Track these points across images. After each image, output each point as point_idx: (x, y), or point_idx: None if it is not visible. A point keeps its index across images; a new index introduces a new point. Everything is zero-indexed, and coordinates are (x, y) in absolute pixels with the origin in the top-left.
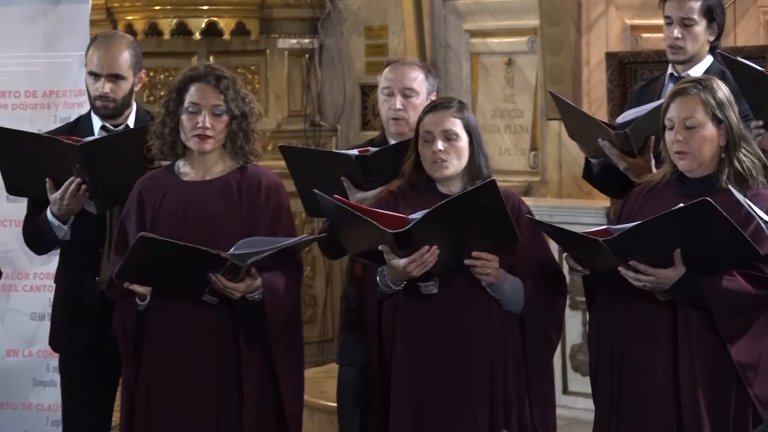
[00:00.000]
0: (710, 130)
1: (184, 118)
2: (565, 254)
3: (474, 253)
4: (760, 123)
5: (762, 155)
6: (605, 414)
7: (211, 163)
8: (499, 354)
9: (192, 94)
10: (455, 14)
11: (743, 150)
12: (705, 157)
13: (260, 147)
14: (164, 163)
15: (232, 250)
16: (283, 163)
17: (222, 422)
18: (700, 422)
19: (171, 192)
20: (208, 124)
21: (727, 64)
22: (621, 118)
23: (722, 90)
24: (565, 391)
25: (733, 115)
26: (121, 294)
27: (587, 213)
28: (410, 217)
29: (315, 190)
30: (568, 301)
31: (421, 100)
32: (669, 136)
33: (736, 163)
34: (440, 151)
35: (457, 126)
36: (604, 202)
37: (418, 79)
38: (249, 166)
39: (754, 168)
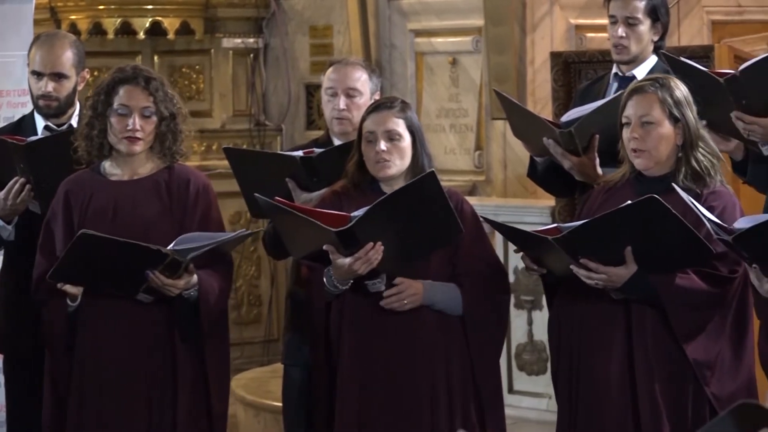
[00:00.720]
0: (667, 128)
1: (113, 120)
2: (521, 254)
3: (385, 301)
4: (704, 122)
5: (719, 153)
6: (566, 413)
7: (138, 164)
8: (442, 355)
9: (121, 96)
10: (400, 14)
11: (701, 149)
12: (661, 155)
13: (186, 147)
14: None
15: (171, 246)
16: (227, 163)
17: (155, 421)
18: (657, 421)
19: (98, 192)
20: (138, 126)
21: (670, 64)
22: (566, 117)
23: (680, 89)
24: (511, 390)
25: (691, 114)
26: (48, 294)
27: (532, 212)
28: (353, 214)
29: (256, 194)
30: (513, 300)
31: (365, 100)
32: (626, 134)
33: (694, 162)
34: (383, 151)
35: (399, 126)
36: (549, 201)
37: (361, 79)
38: (176, 166)
39: (711, 167)
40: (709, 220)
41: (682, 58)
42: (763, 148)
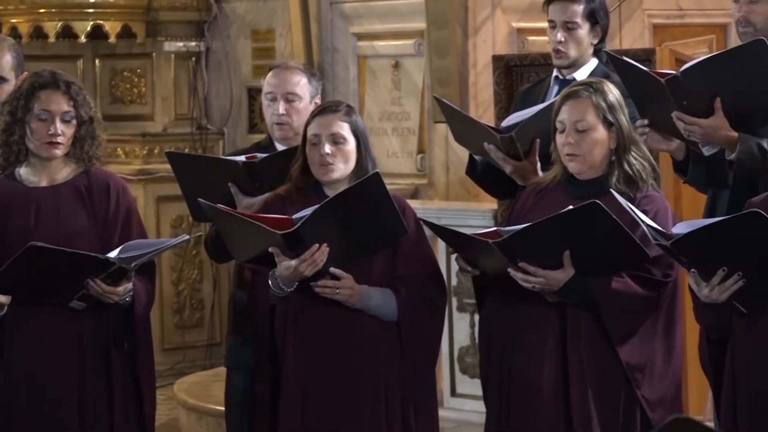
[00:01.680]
0: (601, 132)
1: (33, 125)
2: (455, 255)
3: (320, 283)
4: (646, 122)
5: (651, 158)
6: (495, 415)
7: (55, 169)
8: (381, 361)
9: (42, 101)
10: (342, 17)
11: (633, 153)
12: (595, 159)
13: (101, 152)
14: None
15: (116, 254)
16: (169, 166)
17: (89, 426)
18: (589, 423)
19: (17, 199)
20: (59, 131)
21: (613, 63)
22: (506, 122)
23: (613, 93)
24: (453, 393)
25: (624, 118)
26: None
27: (474, 215)
28: (294, 217)
29: (199, 199)
30: (455, 304)
31: (305, 104)
32: (560, 138)
33: (626, 166)
34: (327, 154)
35: (344, 129)
36: (491, 204)
37: (300, 84)
38: (93, 170)
39: (644, 171)
40: (648, 226)
41: (625, 58)
42: (704, 148)
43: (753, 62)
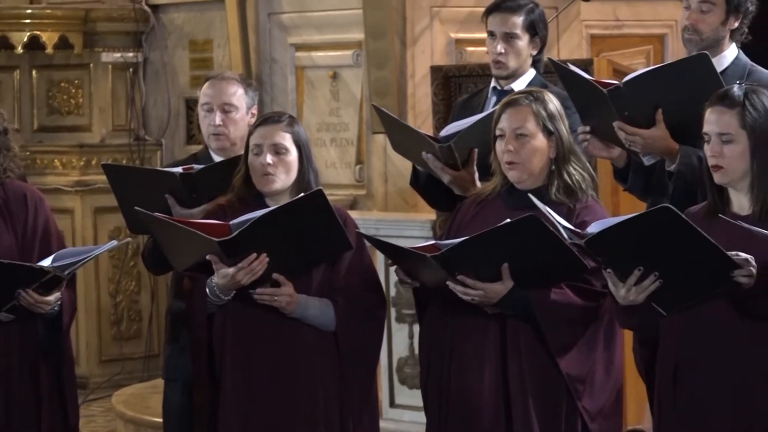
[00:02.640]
0: (540, 141)
1: None
2: (394, 267)
3: (258, 290)
4: (587, 129)
5: (591, 169)
6: (435, 427)
7: None
8: (320, 371)
9: None
10: (280, 28)
11: (573, 163)
12: (535, 168)
13: (17, 164)
14: None
15: (49, 262)
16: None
17: None
18: None
19: None
20: None
21: (557, 71)
22: (445, 132)
23: (553, 102)
24: (392, 404)
25: (564, 128)
26: None
27: (413, 226)
28: (232, 223)
29: (136, 207)
30: (394, 314)
31: (241, 115)
32: (499, 146)
33: (566, 176)
34: (269, 164)
35: (286, 140)
36: (430, 215)
37: (237, 94)
38: (8, 182)
39: (583, 181)
40: (563, 226)
41: (570, 66)
42: (644, 158)
43: (695, 75)
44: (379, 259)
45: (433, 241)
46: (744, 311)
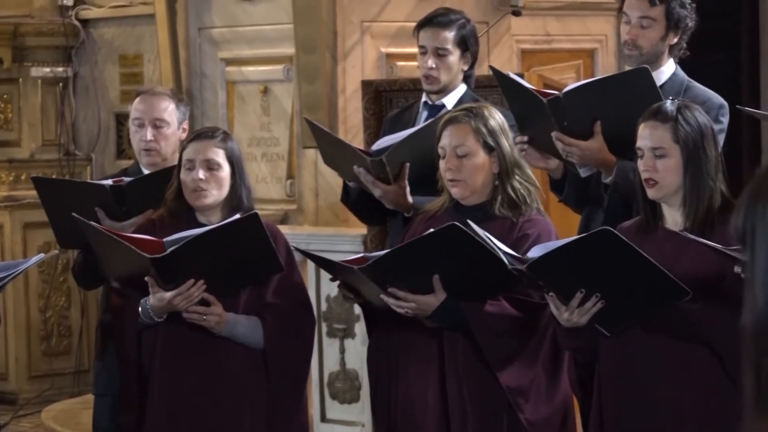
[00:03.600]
0: (482, 157)
1: None
2: (337, 283)
3: (190, 308)
4: (525, 138)
5: (536, 181)
6: None
7: None
8: (248, 389)
9: None
10: (210, 43)
11: (517, 177)
12: (477, 184)
13: None
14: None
15: None
16: (36, 193)
17: None
18: None
19: None
20: None
21: (498, 79)
22: (376, 145)
23: (495, 117)
24: (324, 419)
25: (506, 143)
26: None
27: (344, 241)
28: (165, 240)
29: (73, 214)
30: (325, 329)
31: (173, 130)
32: (442, 164)
33: (510, 190)
34: (200, 180)
35: (219, 156)
36: (361, 229)
37: (168, 110)
38: None
39: (528, 194)
40: (503, 252)
41: (511, 74)
42: (581, 169)
43: (635, 89)
44: (309, 274)
45: (362, 254)
46: (683, 331)
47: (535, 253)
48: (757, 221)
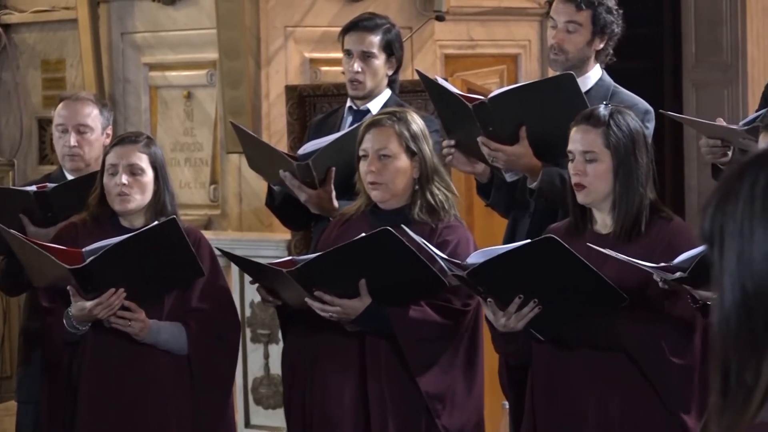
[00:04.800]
0: (404, 161)
1: None
2: (256, 286)
3: (118, 313)
4: (452, 143)
5: (454, 189)
6: None
7: None
8: (173, 395)
9: None
10: (134, 48)
11: (436, 183)
12: (398, 188)
13: None
14: None
15: None
16: None
17: None
18: None
19: None
20: None
21: (424, 83)
22: (302, 150)
23: (417, 122)
24: (248, 424)
25: (427, 148)
26: None
27: (268, 245)
28: (84, 250)
29: None
30: (249, 334)
31: (96, 136)
32: (363, 166)
33: (429, 196)
34: (124, 184)
35: (142, 161)
36: (285, 234)
37: (92, 115)
38: None
39: (446, 201)
40: (442, 258)
41: (438, 79)
42: (507, 174)
43: (560, 95)
44: (233, 279)
45: (290, 257)
46: (613, 336)
47: (475, 259)
48: (726, 222)
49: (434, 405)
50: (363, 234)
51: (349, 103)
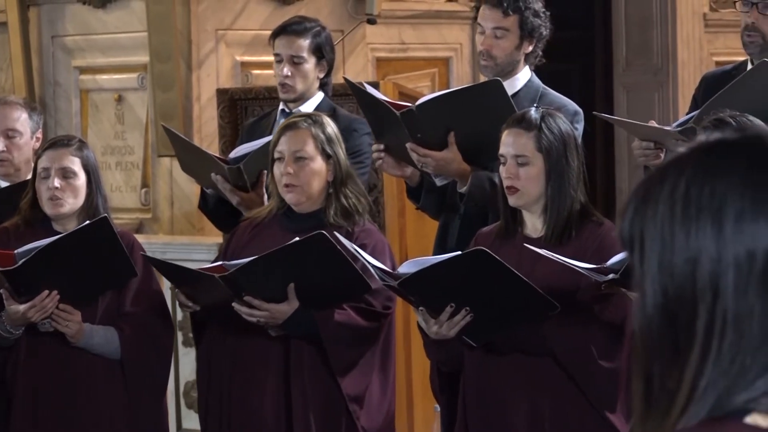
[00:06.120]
0: (319, 164)
1: None
2: (177, 291)
3: (55, 312)
4: (382, 147)
5: (366, 194)
6: None
7: None
8: (106, 399)
9: None
10: (64, 51)
11: (350, 187)
12: (313, 190)
13: None
14: None
15: None
16: None
17: None
18: None
19: None
20: None
21: (351, 89)
22: (234, 153)
23: (331, 126)
24: (179, 428)
25: (341, 152)
26: None
27: (200, 249)
28: (16, 252)
29: None
30: (181, 338)
31: (26, 140)
32: (278, 168)
33: (343, 199)
34: (56, 188)
35: (75, 164)
36: (217, 238)
37: (21, 119)
38: None
39: (359, 204)
40: (373, 266)
41: (366, 86)
42: (436, 178)
43: (488, 100)
44: (166, 283)
45: (220, 262)
46: (542, 341)
47: (406, 269)
48: (646, 225)
49: (353, 406)
50: (297, 238)
51: (281, 106)
